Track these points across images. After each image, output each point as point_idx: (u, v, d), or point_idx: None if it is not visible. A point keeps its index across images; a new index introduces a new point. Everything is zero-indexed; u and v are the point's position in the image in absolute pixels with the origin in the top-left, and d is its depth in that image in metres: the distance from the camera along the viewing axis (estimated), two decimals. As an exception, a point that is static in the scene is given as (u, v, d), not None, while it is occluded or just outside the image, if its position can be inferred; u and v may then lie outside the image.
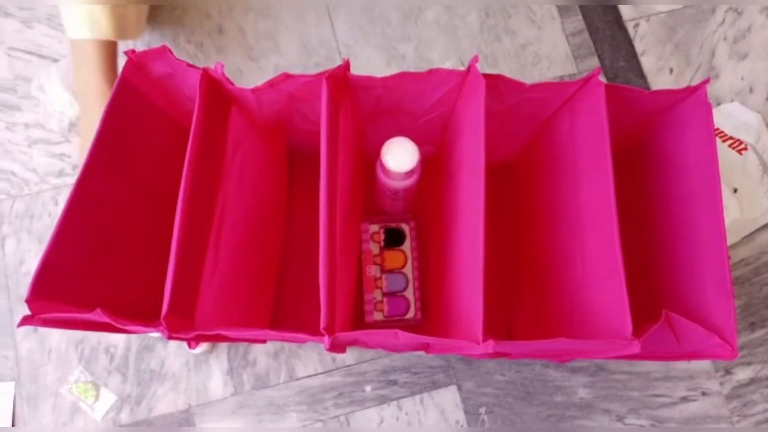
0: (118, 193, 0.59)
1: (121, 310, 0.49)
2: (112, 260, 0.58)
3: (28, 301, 0.47)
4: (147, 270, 0.56)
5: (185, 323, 0.51)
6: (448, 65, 0.84)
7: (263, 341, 0.72)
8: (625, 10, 0.87)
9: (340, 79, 0.55)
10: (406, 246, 0.74)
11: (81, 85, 0.71)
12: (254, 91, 0.56)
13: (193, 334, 0.48)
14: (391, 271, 0.73)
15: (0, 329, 0.75)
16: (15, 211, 0.79)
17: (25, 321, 0.47)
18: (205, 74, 0.55)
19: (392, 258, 0.73)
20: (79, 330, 0.53)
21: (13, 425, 0.72)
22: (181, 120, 0.67)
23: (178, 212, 0.50)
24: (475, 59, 0.52)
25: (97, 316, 0.46)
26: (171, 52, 0.55)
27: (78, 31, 0.67)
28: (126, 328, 0.47)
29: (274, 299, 0.74)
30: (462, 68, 0.54)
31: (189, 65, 0.55)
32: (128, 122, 0.59)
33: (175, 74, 0.58)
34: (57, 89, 0.78)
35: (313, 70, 0.83)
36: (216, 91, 0.57)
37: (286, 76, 0.55)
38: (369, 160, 0.69)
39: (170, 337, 0.47)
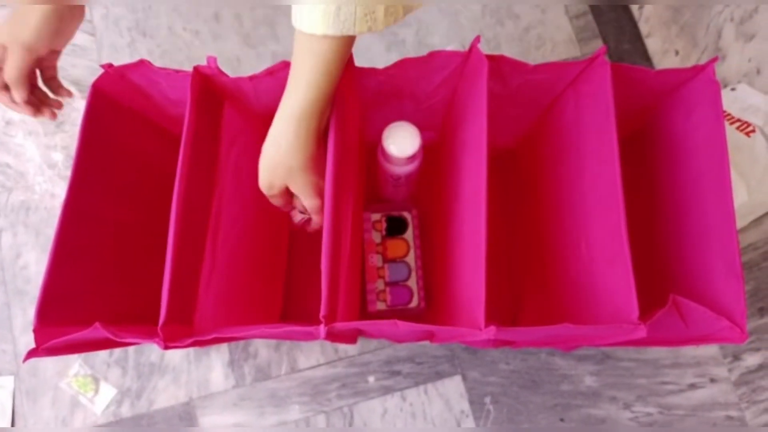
0: (109, 205, 0.58)
1: (124, 322, 0.48)
2: (111, 273, 0.58)
3: (35, 330, 0.48)
4: (146, 279, 0.55)
5: (184, 329, 0.50)
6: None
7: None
8: (630, -8, 0.85)
9: None
10: (409, 234, 0.73)
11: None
12: (252, 78, 0.55)
13: (189, 341, 0.47)
14: (394, 260, 0.72)
15: (-2, 323, 0.74)
16: (11, 204, 0.77)
17: (31, 354, 0.48)
18: (196, 73, 0.53)
19: (394, 247, 0.72)
20: (84, 352, 0.53)
21: (12, 420, 0.71)
22: (164, 124, 0.66)
23: (172, 219, 0.49)
24: (477, 39, 0.51)
25: (96, 331, 0.45)
26: (151, 64, 0.54)
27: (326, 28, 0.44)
28: (124, 341, 0.46)
29: (285, 294, 0.73)
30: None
31: (176, 71, 0.54)
32: (108, 133, 0.58)
33: (157, 81, 0.56)
34: None
35: (311, 57, 0.82)
36: (208, 89, 0.56)
37: (286, 64, 0.53)
38: (370, 146, 0.68)
39: (166, 347, 0.46)
